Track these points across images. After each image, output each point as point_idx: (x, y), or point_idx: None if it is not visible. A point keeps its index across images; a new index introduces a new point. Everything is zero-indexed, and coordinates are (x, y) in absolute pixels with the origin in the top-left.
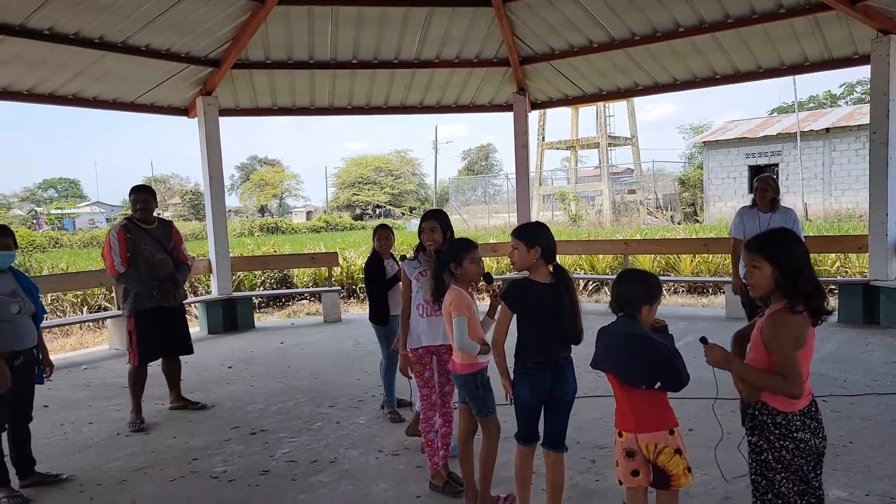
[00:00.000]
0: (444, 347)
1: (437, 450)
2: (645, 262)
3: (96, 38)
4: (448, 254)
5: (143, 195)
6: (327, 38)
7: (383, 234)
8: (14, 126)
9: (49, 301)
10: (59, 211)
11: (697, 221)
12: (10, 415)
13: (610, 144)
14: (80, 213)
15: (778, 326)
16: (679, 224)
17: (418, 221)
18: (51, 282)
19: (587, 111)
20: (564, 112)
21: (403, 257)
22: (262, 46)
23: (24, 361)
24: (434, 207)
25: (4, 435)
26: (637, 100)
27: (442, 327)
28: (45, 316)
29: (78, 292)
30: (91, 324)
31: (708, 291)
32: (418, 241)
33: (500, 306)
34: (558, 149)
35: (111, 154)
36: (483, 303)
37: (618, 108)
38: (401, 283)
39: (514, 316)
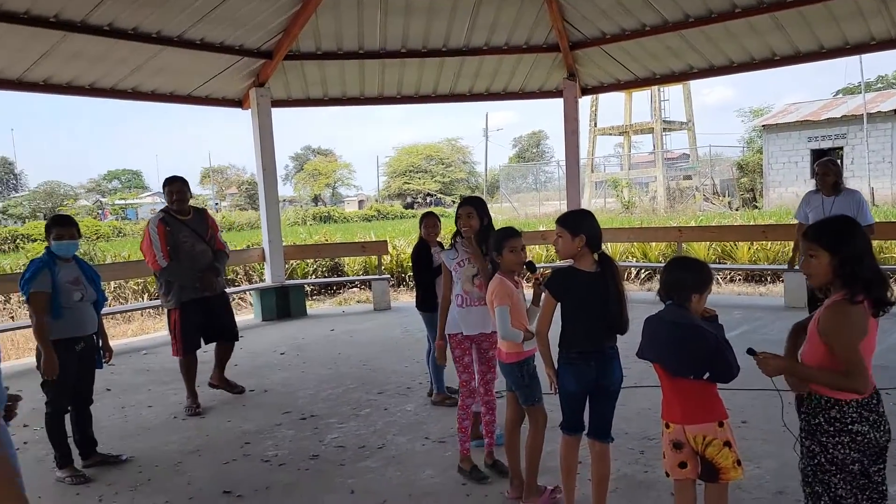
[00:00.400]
0: (482, 336)
1: (469, 436)
2: (700, 249)
3: (153, 33)
4: (489, 243)
5: (177, 185)
6: (376, 28)
7: (430, 222)
8: (78, 118)
9: (112, 288)
10: (122, 201)
11: (756, 208)
12: (72, 399)
13: (665, 129)
14: (142, 203)
15: (836, 317)
16: (737, 210)
17: None
18: (113, 270)
19: (641, 96)
20: (618, 97)
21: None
22: (313, 37)
23: (85, 347)
24: (472, 195)
25: (68, 417)
26: (693, 83)
27: (479, 318)
28: (107, 303)
29: (139, 280)
30: (151, 310)
31: (766, 280)
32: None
33: (543, 294)
34: (611, 134)
35: (171, 145)
36: (529, 290)
37: (673, 91)
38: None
39: (559, 305)
